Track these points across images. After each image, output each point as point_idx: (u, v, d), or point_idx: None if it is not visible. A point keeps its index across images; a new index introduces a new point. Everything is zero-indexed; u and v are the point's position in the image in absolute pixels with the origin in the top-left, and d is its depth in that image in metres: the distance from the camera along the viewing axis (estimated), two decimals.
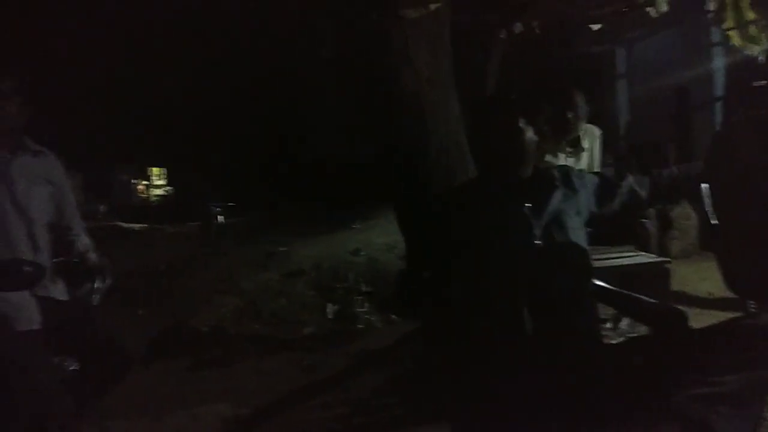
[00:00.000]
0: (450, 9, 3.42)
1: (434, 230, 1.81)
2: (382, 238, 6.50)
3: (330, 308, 4.83)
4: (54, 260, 2.18)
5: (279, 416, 3.18)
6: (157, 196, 16.73)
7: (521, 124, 1.66)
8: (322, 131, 7.84)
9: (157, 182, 17.43)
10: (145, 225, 10.47)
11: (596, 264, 1.89)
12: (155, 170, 17.45)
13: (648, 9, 3.65)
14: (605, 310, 2.26)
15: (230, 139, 10.40)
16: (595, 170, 3.36)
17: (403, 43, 3.21)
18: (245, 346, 4.30)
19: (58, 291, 2.14)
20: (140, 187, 17.11)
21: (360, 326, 4.53)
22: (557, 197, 1.66)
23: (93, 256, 2.29)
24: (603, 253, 3.26)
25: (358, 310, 4.73)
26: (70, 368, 2.18)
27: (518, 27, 4.31)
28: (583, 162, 3.49)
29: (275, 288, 5.49)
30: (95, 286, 2.23)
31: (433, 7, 3.26)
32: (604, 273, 2.17)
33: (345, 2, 3.20)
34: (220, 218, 10.25)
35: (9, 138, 2.08)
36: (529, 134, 1.67)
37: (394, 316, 4.54)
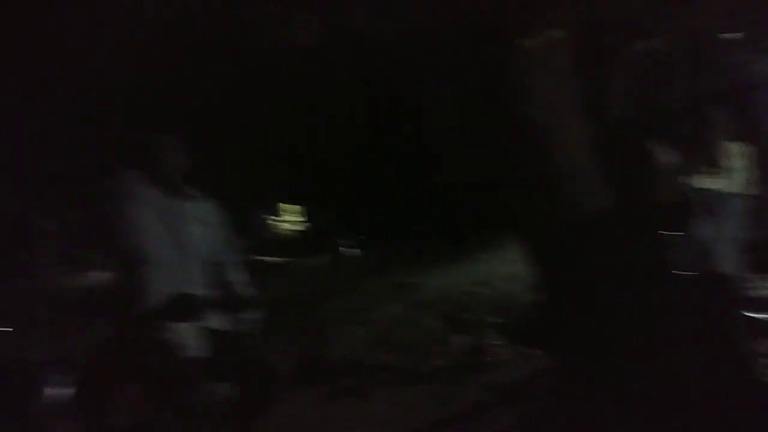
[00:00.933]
0: (570, 34, 3.38)
1: (565, 260, 1.79)
2: (507, 268, 6.40)
3: (458, 340, 4.82)
4: (212, 293, 2.43)
5: None
6: (293, 231, 17.82)
7: (655, 146, 1.61)
8: (446, 164, 7.94)
9: (292, 218, 18.60)
10: (282, 259, 11.19)
11: (749, 294, 1.75)
12: (290, 207, 18.66)
13: None
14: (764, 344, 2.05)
15: (358, 175, 10.87)
16: (744, 192, 3.08)
17: (521, 73, 3.22)
18: (378, 376, 4.41)
19: (217, 321, 2.38)
20: (277, 223, 18.38)
21: (490, 359, 4.47)
22: (701, 223, 1.58)
23: (244, 289, 2.54)
24: (757, 282, 2.97)
25: (487, 342, 4.67)
26: (228, 393, 2.40)
27: (649, 43, 4.12)
28: (730, 184, 3.22)
29: (404, 319, 5.59)
30: (247, 316, 2.47)
31: (551, 35, 3.25)
32: (760, 303, 1.99)
33: (462, 35, 3.28)
34: (351, 251, 10.68)
35: (173, 186, 2.39)
36: (665, 156, 1.61)
37: (525, 349, 4.42)
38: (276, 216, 18.63)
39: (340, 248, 10.78)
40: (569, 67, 3.33)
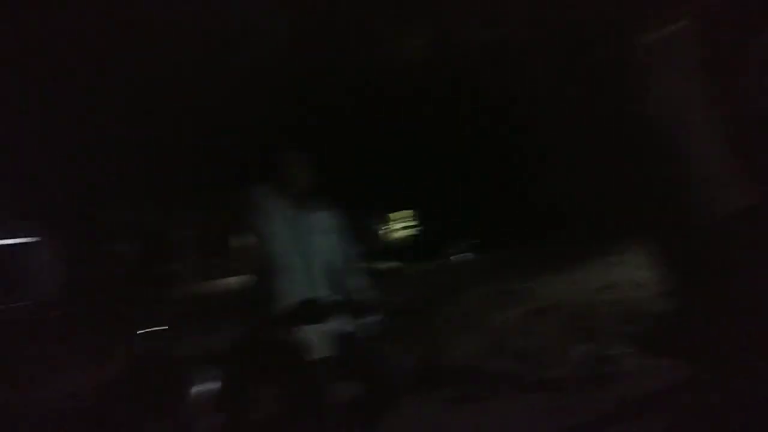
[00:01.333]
0: (696, 24, 3.17)
1: (700, 264, 1.69)
2: (632, 274, 6.07)
3: (579, 349, 4.63)
4: (335, 298, 2.57)
5: None
6: (407, 237, 18.10)
7: None
8: (564, 166, 7.70)
9: (406, 225, 18.92)
10: (395, 264, 11.40)
11: None
12: (401, 214, 18.99)
13: None
14: None
15: (470, 179, 10.84)
16: None
17: (642, 68, 3.08)
18: (495, 383, 4.36)
19: (341, 324, 2.51)
20: (387, 230, 18.78)
21: (616, 369, 4.25)
22: None
23: (366, 294, 2.67)
24: None
25: (612, 352, 4.45)
26: (352, 393, 2.51)
27: None
28: None
29: (520, 326, 5.47)
30: (368, 320, 2.58)
31: (673, 27, 3.08)
32: None
33: (580, 34, 3.19)
34: (464, 256, 10.65)
35: (302, 198, 2.58)
36: None
37: (656, 360, 4.16)
38: (391, 223, 19.05)
39: (454, 253, 10.80)
40: (696, 62, 3.13)
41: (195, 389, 2.53)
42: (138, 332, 2.59)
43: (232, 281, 15.96)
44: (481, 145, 9.60)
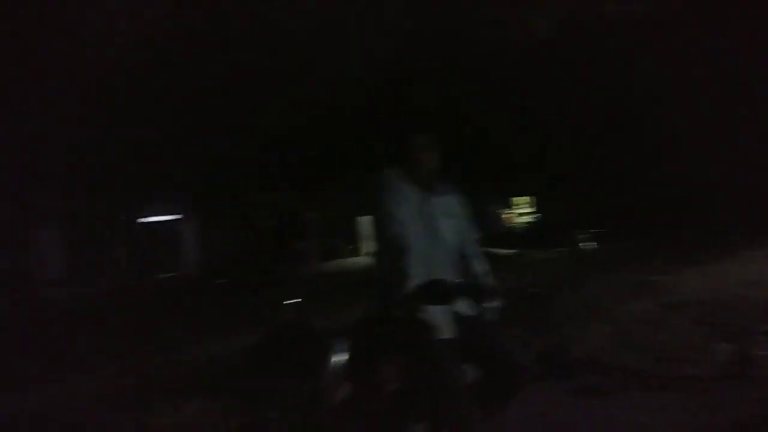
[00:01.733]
0: None
1: None
2: None
3: (723, 348, 4.30)
4: (460, 281, 2.60)
5: None
6: (524, 223, 17.66)
7: None
8: (706, 150, 7.11)
9: (523, 211, 18.47)
10: (514, 251, 11.20)
11: None
12: (521, 200, 18.55)
13: None
14: None
15: (600, 164, 10.34)
16: None
17: None
18: (621, 377, 4.18)
19: (464, 307, 2.55)
20: (508, 216, 18.44)
21: (760, 372, 3.91)
22: None
23: (488, 279, 2.67)
24: None
25: (757, 352, 4.09)
26: (473, 376, 2.54)
27: None
28: None
29: (652, 320, 5.19)
30: (491, 304, 2.58)
31: None
32: None
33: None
34: (589, 245, 10.20)
35: (429, 181, 2.63)
36: None
37: None
38: (515, 209, 18.66)
39: (578, 241, 10.36)
40: None
41: (328, 359, 2.70)
42: (284, 302, 2.81)
43: (363, 261, 16.58)
44: (613, 128, 9.08)
